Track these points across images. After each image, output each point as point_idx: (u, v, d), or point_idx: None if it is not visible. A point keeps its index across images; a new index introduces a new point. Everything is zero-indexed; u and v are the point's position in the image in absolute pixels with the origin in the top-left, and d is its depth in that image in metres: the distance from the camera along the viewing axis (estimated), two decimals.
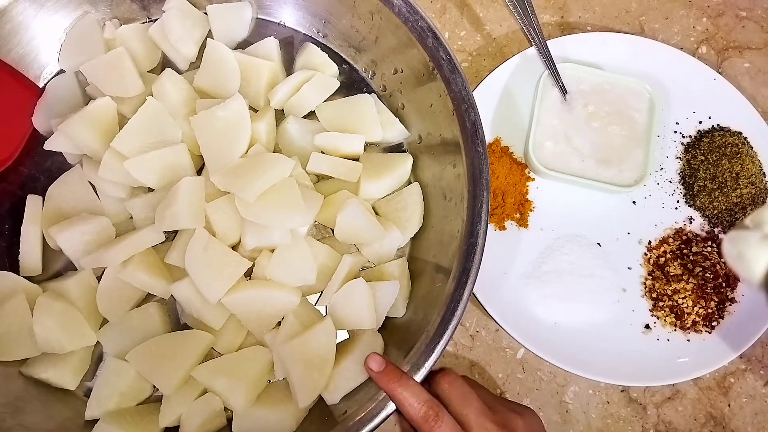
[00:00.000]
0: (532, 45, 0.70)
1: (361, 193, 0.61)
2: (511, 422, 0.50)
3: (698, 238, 0.67)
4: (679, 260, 0.66)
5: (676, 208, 0.69)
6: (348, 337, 0.59)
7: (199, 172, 0.60)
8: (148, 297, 0.58)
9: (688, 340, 0.65)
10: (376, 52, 0.65)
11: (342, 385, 0.54)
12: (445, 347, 0.51)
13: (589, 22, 0.75)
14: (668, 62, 0.72)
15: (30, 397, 0.54)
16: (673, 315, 0.65)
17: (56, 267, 0.59)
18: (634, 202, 0.69)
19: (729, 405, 0.65)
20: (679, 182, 0.70)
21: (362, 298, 0.56)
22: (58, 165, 0.61)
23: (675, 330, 0.65)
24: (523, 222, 0.67)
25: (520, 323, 0.63)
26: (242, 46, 0.65)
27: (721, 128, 0.71)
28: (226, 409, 0.55)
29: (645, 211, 0.69)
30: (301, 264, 0.56)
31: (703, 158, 0.69)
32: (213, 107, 0.57)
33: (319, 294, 0.60)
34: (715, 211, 0.68)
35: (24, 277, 0.57)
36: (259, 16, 0.67)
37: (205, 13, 0.64)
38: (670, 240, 0.67)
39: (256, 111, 0.62)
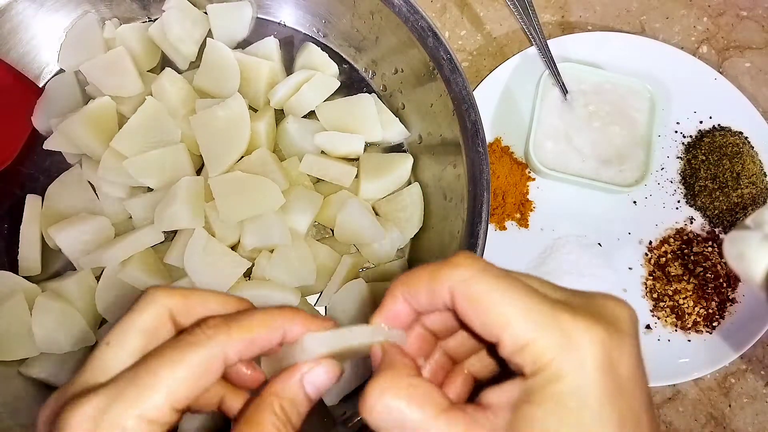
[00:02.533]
0: (532, 44, 0.70)
1: (361, 193, 0.60)
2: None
3: (699, 238, 0.67)
4: (679, 260, 0.66)
5: (677, 208, 0.69)
6: None
7: (198, 171, 0.60)
8: None
9: (689, 341, 0.65)
10: (377, 51, 0.65)
11: (341, 386, 0.54)
12: None
13: (590, 22, 0.75)
14: (669, 62, 0.72)
15: (28, 397, 0.54)
16: (673, 315, 0.65)
17: (55, 267, 0.59)
18: (634, 202, 0.69)
19: (730, 405, 0.65)
20: (680, 182, 0.70)
21: (362, 298, 0.56)
22: (57, 165, 0.60)
23: (676, 330, 0.65)
24: (523, 222, 0.67)
25: None
26: (242, 45, 0.65)
27: (722, 128, 0.71)
28: None
29: (646, 211, 0.69)
30: (301, 264, 0.56)
31: (703, 158, 0.68)
32: (212, 107, 0.57)
33: (318, 294, 0.60)
34: (716, 211, 0.68)
35: (23, 276, 0.56)
36: (259, 16, 0.67)
37: (205, 13, 0.64)
38: (671, 240, 0.67)
39: (255, 111, 0.62)
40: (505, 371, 0.29)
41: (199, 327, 0.28)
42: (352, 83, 0.67)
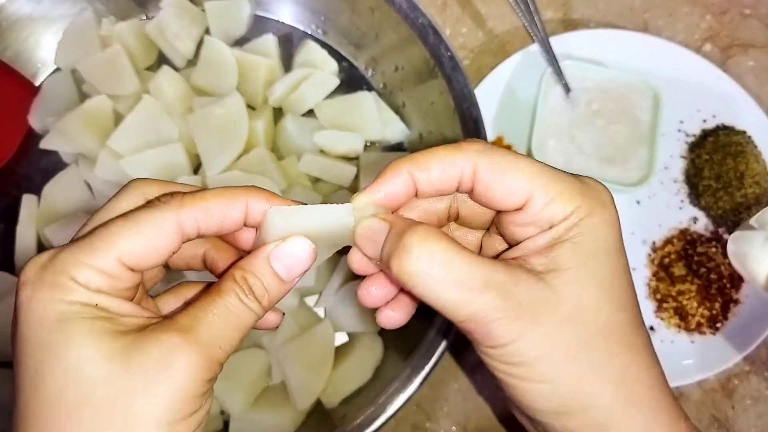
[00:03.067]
0: (534, 42, 0.69)
1: None
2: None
3: (702, 239, 0.67)
4: (683, 261, 0.66)
5: (681, 208, 0.68)
6: (347, 339, 0.59)
7: (196, 171, 0.59)
8: None
9: (692, 342, 0.64)
10: (377, 49, 0.64)
11: (341, 389, 0.54)
12: (446, 350, 0.50)
13: (593, 19, 0.75)
14: (672, 60, 0.71)
15: None
16: (677, 316, 0.64)
17: None
18: (638, 202, 0.68)
19: (733, 407, 0.64)
20: (684, 182, 0.69)
21: None
22: (53, 164, 0.60)
23: (679, 332, 0.65)
24: None
25: None
26: (240, 42, 0.64)
27: (726, 127, 0.70)
28: (222, 412, 0.54)
29: (649, 211, 0.68)
30: None
31: (707, 157, 0.68)
32: (210, 105, 0.57)
33: (318, 295, 0.60)
34: (720, 211, 0.67)
35: None
36: (257, 13, 0.66)
37: (203, 10, 0.63)
38: (675, 240, 0.67)
39: (253, 109, 0.62)
40: None
41: (157, 197, 0.29)
42: (351, 81, 0.66)
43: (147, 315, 0.27)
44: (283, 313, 0.32)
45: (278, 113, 0.62)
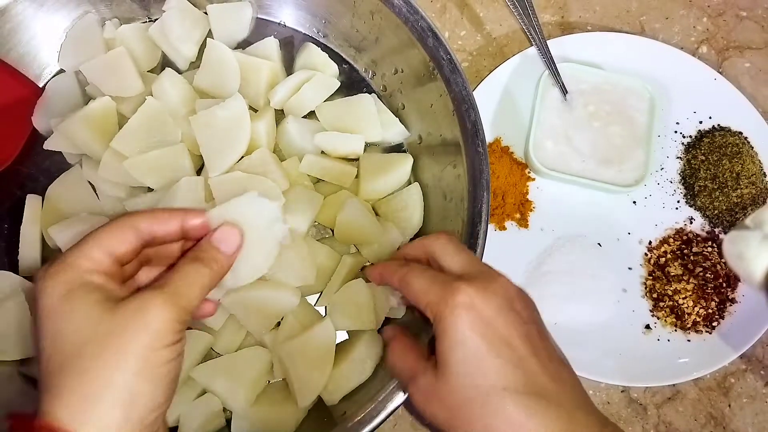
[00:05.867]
0: (532, 45, 0.70)
1: (361, 194, 0.61)
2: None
3: (698, 239, 0.67)
4: (679, 260, 0.66)
5: (677, 208, 0.69)
6: (347, 337, 0.59)
7: (198, 172, 0.60)
8: None
9: (689, 341, 0.65)
10: (377, 51, 0.65)
11: (341, 386, 0.54)
12: None
13: (590, 22, 0.75)
14: (669, 62, 0.72)
15: (29, 397, 0.54)
16: (673, 315, 0.65)
17: None
18: (634, 202, 0.69)
19: (729, 405, 0.65)
20: (680, 182, 0.70)
21: (362, 298, 0.56)
22: (57, 165, 0.60)
23: (675, 330, 0.65)
24: (523, 222, 0.67)
25: None
26: (242, 45, 0.65)
27: (722, 128, 0.71)
28: (225, 409, 0.55)
29: (645, 212, 0.69)
30: (301, 264, 0.56)
31: (703, 158, 0.68)
32: (213, 107, 0.57)
33: (318, 294, 0.60)
34: (716, 211, 0.68)
35: (23, 276, 0.56)
36: (259, 16, 0.67)
37: (205, 13, 0.64)
38: (671, 240, 0.67)
39: (255, 111, 0.62)
40: None
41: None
42: (352, 83, 0.67)
43: (131, 290, 0.39)
44: (218, 302, 0.44)
45: (280, 115, 0.63)
